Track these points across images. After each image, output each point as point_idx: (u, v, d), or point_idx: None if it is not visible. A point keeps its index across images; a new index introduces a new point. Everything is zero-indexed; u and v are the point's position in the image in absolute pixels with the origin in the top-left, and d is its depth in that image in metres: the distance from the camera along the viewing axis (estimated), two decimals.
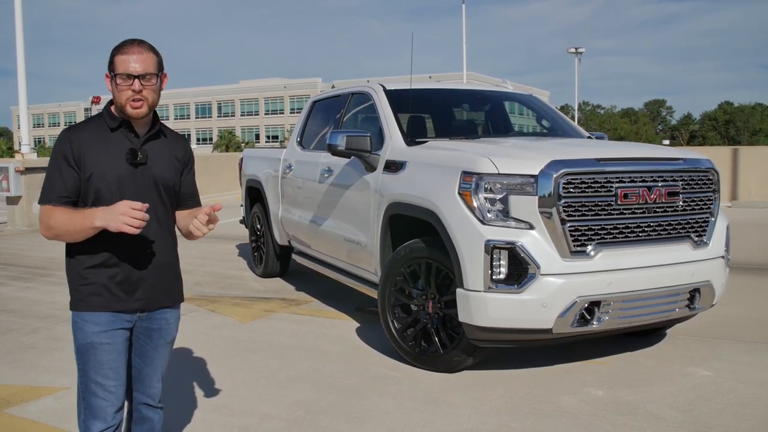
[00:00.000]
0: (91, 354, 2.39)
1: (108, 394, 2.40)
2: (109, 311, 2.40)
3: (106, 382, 2.40)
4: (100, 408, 2.40)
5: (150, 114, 2.45)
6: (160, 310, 2.54)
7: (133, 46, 2.36)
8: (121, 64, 2.34)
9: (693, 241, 4.28)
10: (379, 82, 5.78)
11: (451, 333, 4.32)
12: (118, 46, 2.38)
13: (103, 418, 2.40)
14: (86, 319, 2.40)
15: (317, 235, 6.14)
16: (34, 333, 5.43)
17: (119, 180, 2.38)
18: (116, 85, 2.35)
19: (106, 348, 2.40)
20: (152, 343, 2.55)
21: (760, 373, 4.32)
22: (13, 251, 10.07)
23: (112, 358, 2.41)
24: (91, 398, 2.41)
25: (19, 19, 14.21)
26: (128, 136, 2.42)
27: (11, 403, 3.92)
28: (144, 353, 2.55)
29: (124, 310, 2.43)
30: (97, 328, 2.39)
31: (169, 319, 2.58)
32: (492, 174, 3.96)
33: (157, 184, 2.47)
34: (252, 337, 5.24)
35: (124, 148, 2.39)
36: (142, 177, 2.42)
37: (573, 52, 52.26)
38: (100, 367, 2.39)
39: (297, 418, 3.69)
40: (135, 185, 2.40)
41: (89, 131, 2.41)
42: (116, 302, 2.41)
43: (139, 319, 2.50)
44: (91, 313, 2.40)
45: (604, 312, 3.98)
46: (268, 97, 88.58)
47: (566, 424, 3.59)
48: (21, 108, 14.73)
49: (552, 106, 6.62)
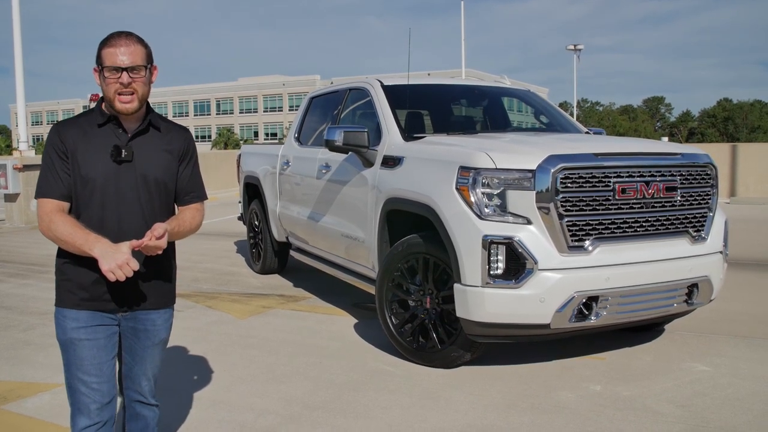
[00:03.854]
0: (71, 350, 2.37)
1: (91, 391, 2.37)
2: (84, 309, 2.37)
3: (88, 379, 2.36)
4: (84, 404, 2.37)
5: (141, 108, 2.39)
6: (145, 311, 2.48)
7: (121, 39, 2.31)
8: (109, 57, 2.29)
9: (691, 236, 4.27)
10: (376, 78, 5.77)
11: (449, 328, 4.31)
12: (105, 39, 2.33)
13: (87, 414, 2.37)
14: (66, 315, 2.38)
15: (315, 232, 6.13)
16: (30, 329, 5.42)
17: (104, 177, 2.34)
18: (104, 79, 2.31)
19: (85, 344, 2.36)
20: (140, 343, 2.50)
21: (758, 368, 4.32)
22: (10, 248, 10.06)
23: (92, 354, 2.37)
24: (74, 394, 2.39)
25: (17, 17, 14.18)
26: (116, 132, 2.37)
27: (8, 399, 3.91)
28: (133, 351, 2.51)
29: (101, 310, 2.39)
30: (75, 324, 2.36)
31: (155, 321, 2.50)
32: (489, 169, 3.95)
33: (146, 181, 2.39)
34: (249, 333, 5.24)
35: (110, 145, 2.35)
36: (127, 174, 2.37)
37: (572, 49, 52.29)
38: (81, 363, 2.36)
39: (294, 414, 3.68)
40: (119, 183, 2.35)
41: (78, 126, 2.38)
42: (90, 301, 2.37)
43: (123, 318, 2.46)
44: (69, 309, 2.37)
45: (602, 307, 3.97)
46: (267, 95, 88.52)
47: (564, 419, 3.58)
48: (19, 105, 14.70)
49: (550, 101, 6.60)
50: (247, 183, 7.92)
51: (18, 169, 12.65)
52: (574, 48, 52.17)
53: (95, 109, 2.42)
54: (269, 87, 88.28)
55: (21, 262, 8.80)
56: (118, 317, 2.45)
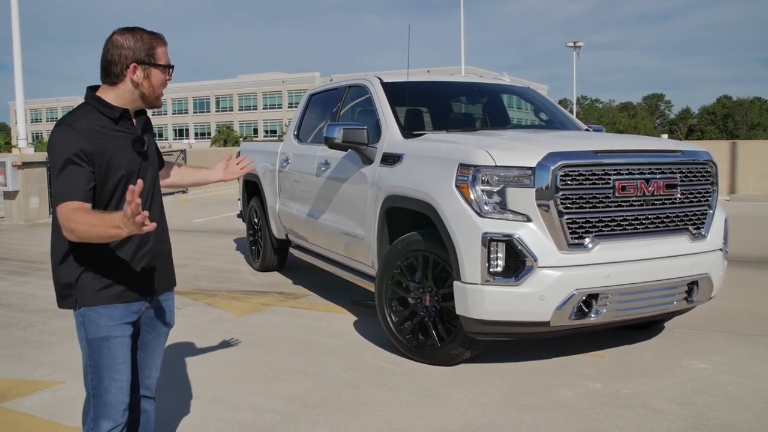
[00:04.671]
0: (105, 348, 2.36)
1: (119, 391, 2.39)
2: (123, 302, 2.38)
3: (119, 377, 2.38)
4: (112, 406, 2.37)
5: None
6: (165, 292, 2.61)
7: (163, 39, 2.44)
8: (163, 55, 2.41)
9: (691, 233, 4.27)
10: (376, 75, 5.75)
11: (449, 326, 4.31)
12: (156, 37, 2.40)
13: (114, 417, 2.38)
14: (101, 313, 2.35)
15: (314, 229, 6.12)
16: (30, 327, 5.41)
17: (132, 170, 2.36)
18: (149, 76, 2.37)
19: (120, 341, 2.38)
20: (154, 331, 2.60)
21: (757, 366, 4.32)
22: (9, 246, 10.05)
23: (125, 351, 2.40)
24: (103, 395, 2.37)
25: (16, 14, 14.16)
26: (128, 127, 2.40)
27: (7, 397, 3.90)
28: (146, 343, 2.59)
29: (136, 300, 2.43)
30: (111, 322, 2.36)
31: (169, 301, 2.64)
32: (489, 166, 3.94)
33: (156, 172, 2.52)
34: (249, 331, 5.23)
35: (127, 139, 2.38)
36: (147, 163, 2.45)
37: (571, 46, 52.26)
38: (114, 362, 2.37)
39: (293, 412, 3.68)
40: (145, 173, 2.42)
41: (93, 123, 2.29)
42: (129, 293, 2.39)
43: (146, 309, 2.52)
44: (106, 306, 2.36)
45: (601, 305, 3.96)
46: (266, 92, 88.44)
47: (564, 417, 3.58)
48: (18, 103, 14.70)
49: (549, 98, 6.59)
50: (247, 180, 7.91)
51: (17, 166, 12.65)
52: (573, 45, 52.14)
53: (93, 104, 2.33)
54: (269, 84, 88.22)
55: (20, 259, 8.79)
56: (143, 308, 2.49)
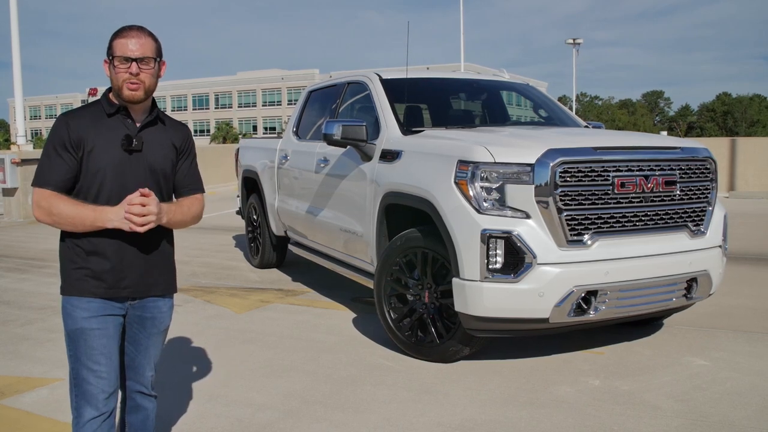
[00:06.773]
0: (81, 339, 2.38)
1: (99, 380, 2.38)
2: (97, 297, 2.38)
3: (96, 367, 2.38)
4: (92, 395, 2.38)
5: (148, 100, 2.46)
6: (152, 298, 2.52)
7: (132, 31, 2.39)
8: (120, 47, 2.36)
9: (690, 230, 4.26)
10: (375, 72, 5.74)
11: (448, 323, 4.30)
12: (118, 31, 2.40)
13: (95, 405, 2.38)
14: (75, 305, 2.38)
15: (313, 226, 6.12)
16: (29, 324, 5.41)
17: (114, 166, 2.37)
18: (113, 68, 2.36)
19: (96, 333, 2.38)
20: (145, 332, 2.54)
21: (756, 363, 4.32)
22: (9, 243, 10.04)
23: (102, 343, 2.39)
24: (82, 384, 2.39)
25: (14, 10, 14.12)
26: (125, 123, 2.42)
27: (5, 394, 3.90)
28: (137, 341, 2.54)
29: (113, 298, 2.41)
30: (86, 314, 2.37)
31: (161, 308, 2.56)
32: (488, 163, 3.94)
33: (154, 171, 2.46)
34: (248, 328, 5.23)
35: (120, 134, 2.39)
36: (137, 164, 2.42)
37: (571, 43, 52.20)
38: (91, 353, 2.37)
39: (292, 408, 3.68)
40: (130, 172, 2.40)
41: (86, 116, 2.40)
42: (104, 289, 2.39)
43: (131, 307, 2.48)
44: (80, 298, 2.38)
45: (601, 301, 3.96)
46: (266, 89, 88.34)
47: (563, 413, 3.57)
48: (16, 99, 14.66)
49: (549, 95, 6.58)
50: (246, 177, 7.90)
51: (16, 163, 12.63)
52: (573, 42, 52.09)
53: (101, 100, 2.45)
54: (268, 81, 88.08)
55: (19, 256, 8.78)
56: (127, 306, 2.47)
